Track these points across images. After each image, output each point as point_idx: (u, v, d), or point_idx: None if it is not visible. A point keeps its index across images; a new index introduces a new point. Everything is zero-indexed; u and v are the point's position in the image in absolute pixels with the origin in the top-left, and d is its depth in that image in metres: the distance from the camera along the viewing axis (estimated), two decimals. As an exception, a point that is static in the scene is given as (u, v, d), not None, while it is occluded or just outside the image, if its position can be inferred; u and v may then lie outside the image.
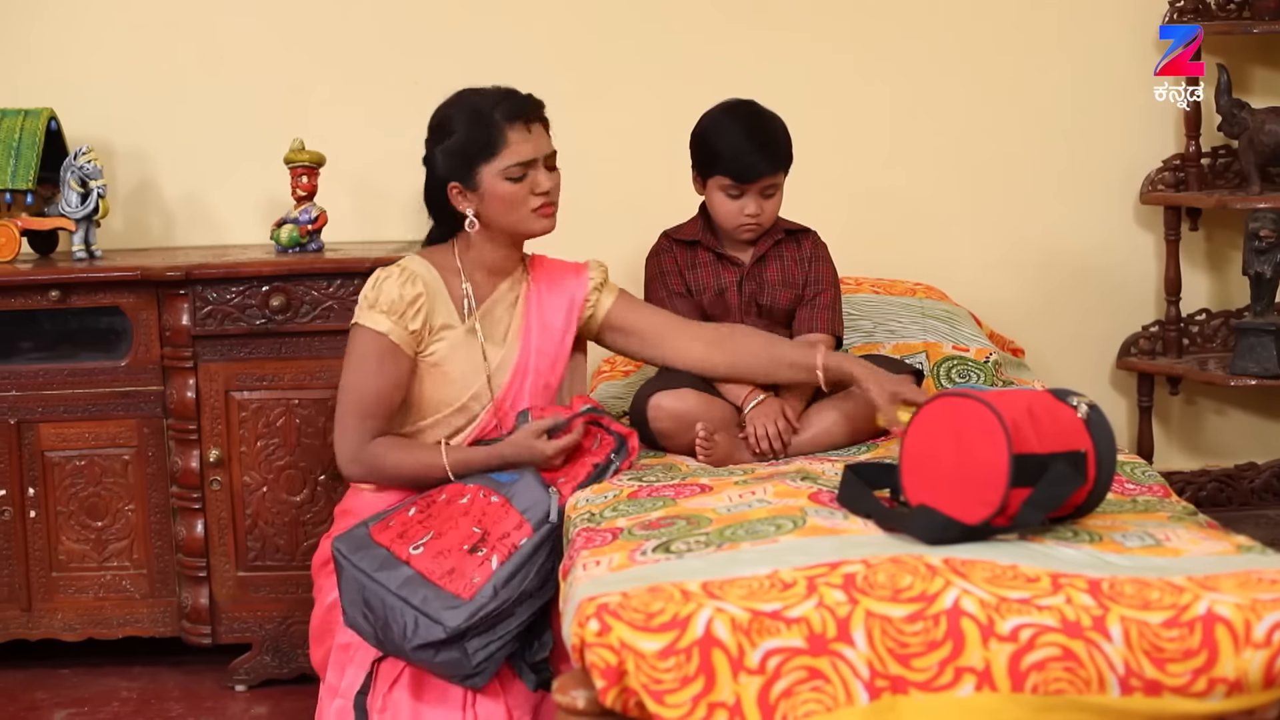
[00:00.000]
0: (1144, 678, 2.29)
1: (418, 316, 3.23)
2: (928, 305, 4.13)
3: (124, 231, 4.34)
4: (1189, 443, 4.78)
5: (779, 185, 3.60)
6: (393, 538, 3.01)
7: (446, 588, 2.89)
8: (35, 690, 3.87)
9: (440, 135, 3.28)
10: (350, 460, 3.24)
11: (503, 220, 3.28)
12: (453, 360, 3.28)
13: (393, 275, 3.24)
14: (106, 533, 3.86)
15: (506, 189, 3.24)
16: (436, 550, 2.96)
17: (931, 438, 2.68)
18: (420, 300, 3.23)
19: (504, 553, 2.91)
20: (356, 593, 2.98)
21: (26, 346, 3.98)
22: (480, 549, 2.94)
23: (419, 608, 2.87)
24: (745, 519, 2.73)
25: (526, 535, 2.94)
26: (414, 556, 2.95)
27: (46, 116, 4.02)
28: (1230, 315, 4.64)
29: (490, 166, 3.23)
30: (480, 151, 3.23)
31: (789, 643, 2.30)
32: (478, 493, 3.07)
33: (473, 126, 3.23)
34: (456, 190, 3.26)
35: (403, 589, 2.91)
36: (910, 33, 4.51)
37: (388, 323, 3.20)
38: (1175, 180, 4.54)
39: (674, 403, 3.40)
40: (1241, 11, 4.51)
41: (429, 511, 3.07)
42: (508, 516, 2.99)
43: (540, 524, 2.96)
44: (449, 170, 3.26)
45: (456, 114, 3.27)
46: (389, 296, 3.21)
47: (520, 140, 3.24)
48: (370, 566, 2.97)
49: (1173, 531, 2.64)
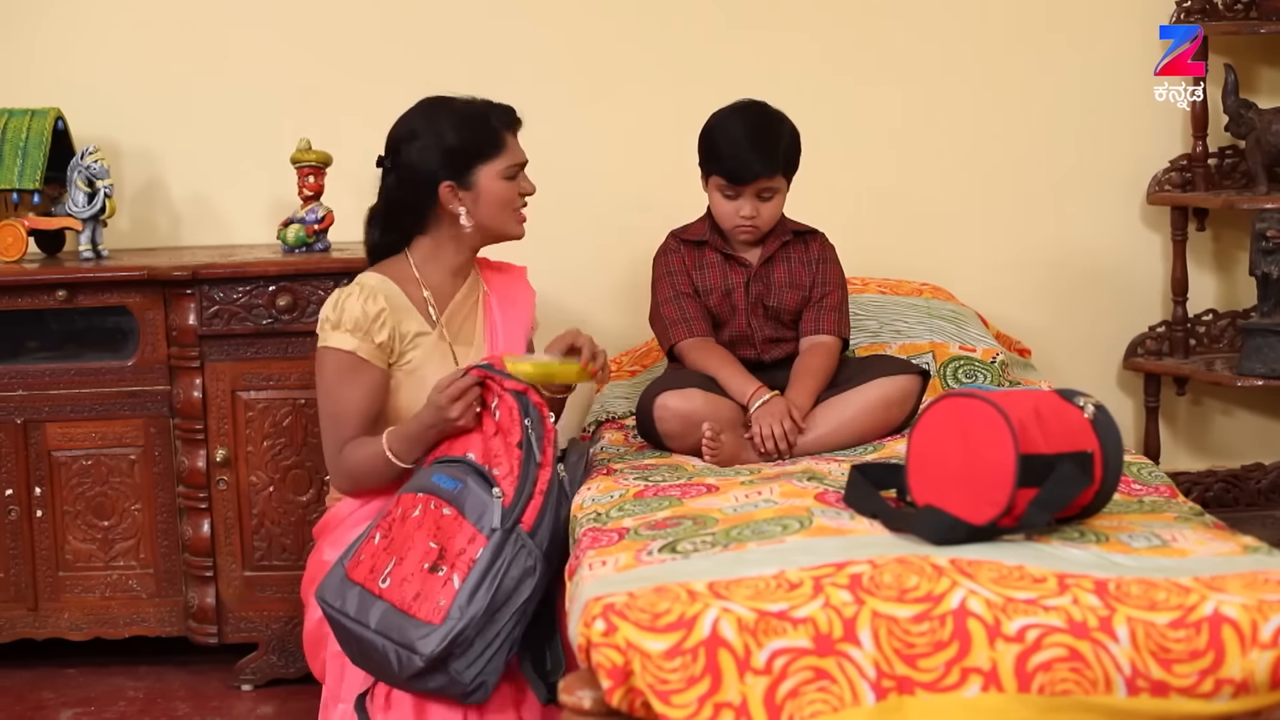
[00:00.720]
0: (1150, 678, 2.28)
1: (383, 329, 3.24)
2: (934, 305, 4.13)
3: (130, 231, 4.34)
4: (1196, 443, 4.77)
5: (776, 189, 3.57)
6: (365, 574, 3.00)
7: (416, 615, 2.87)
8: (42, 689, 3.87)
9: (428, 133, 3.30)
10: (332, 473, 3.31)
11: (491, 220, 3.33)
12: (428, 366, 3.29)
13: (353, 294, 3.26)
14: (113, 532, 3.86)
15: (503, 188, 3.30)
16: (400, 577, 2.94)
17: (938, 438, 2.68)
18: (383, 315, 3.24)
19: (464, 570, 2.88)
20: (351, 640, 2.98)
21: (33, 346, 3.99)
22: (440, 567, 2.91)
23: (396, 641, 2.87)
24: (751, 519, 2.73)
25: (481, 545, 2.91)
26: (384, 590, 2.94)
27: (53, 116, 4.02)
28: (1237, 316, 4.64)
29: (489, 166, 3.29)
30: (480, 151, 3.29)
31: (795, 643, 2.30)
32: (428, 503, 3.02)
33: (472, 128, 3.29)
34: (449, 189, 3.28)
35: (380, 624, 2.90)
36: (917, 33, 4.51)
37: (353, 340, 3.22)
38: (1182, 180, 4.54)
39: (680, 403, 3.40)
40: (1249, 12, 4.51)
41: (390, 535, 3.03)
42: (461, 530, 2.95)
43: (490, 533, 2.93)
44: (444, 168, 3.28)
45: (444, 118, 3.31)
46: (351, 314, 3.23)
47: (513, 145, 3.34)
48: (352, 609, 2.97)
49: (1179, 532, 2.64)
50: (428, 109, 3.34)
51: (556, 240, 4.38)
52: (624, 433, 3.71)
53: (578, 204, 4.42)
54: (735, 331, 3.63)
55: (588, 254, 4.45)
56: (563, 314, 4.34)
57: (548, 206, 4.25)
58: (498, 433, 3.08)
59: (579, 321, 4.36)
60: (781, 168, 3.57)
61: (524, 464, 3.02)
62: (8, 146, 3.96)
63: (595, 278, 4.46)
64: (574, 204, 4.41)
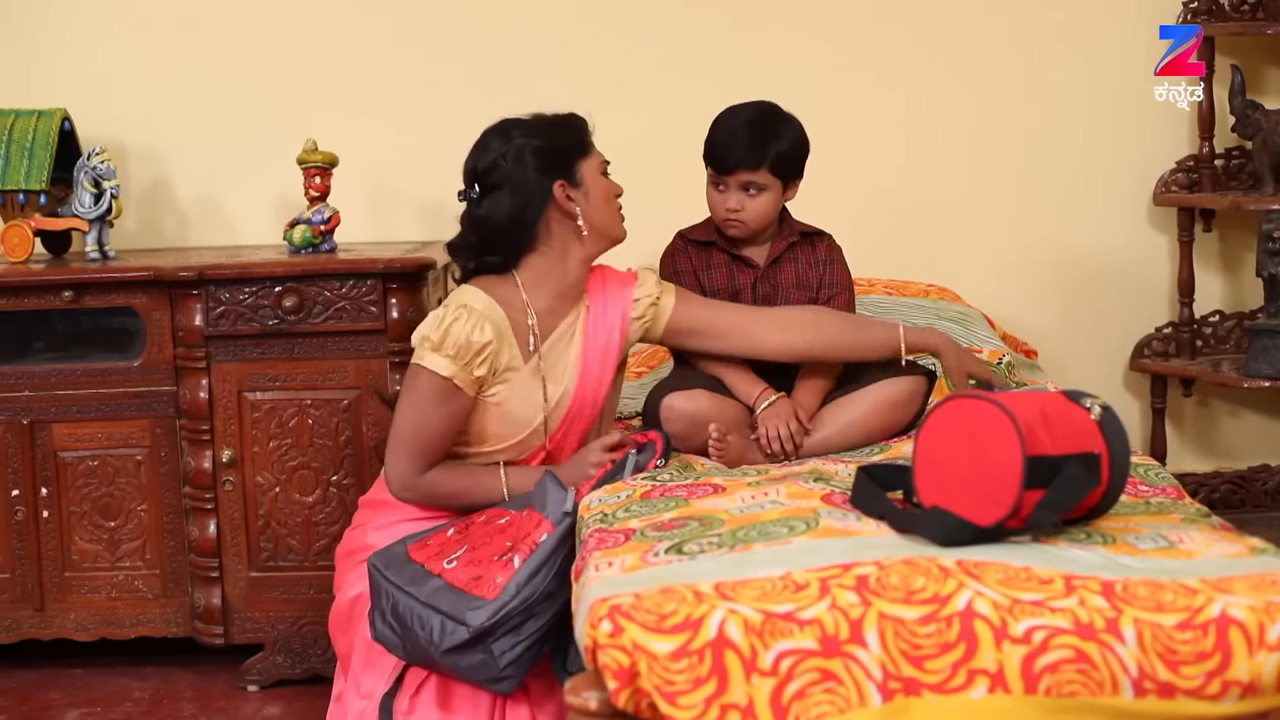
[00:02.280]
0: (1157, 680, 2.28)
1: (484, 364, 3.17)
2: (941, 307, 4.13)
3: (137, 232, 4.35)
4: (1202, 444, 4.77)
5: (764, 186, 3.53)
6: (429, 556, 3.02)
7: (473, 592, 2.89)
8: (48, 690, 3.87)
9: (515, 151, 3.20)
10: (403, 488, 3.23)
11: (601, 218, 3.27)
12: (514, 401, 3.25)
13: (460, 318, 3.15)
14: (119, 533, 3.87)
15: (605, 183, 3.29)
16: (468, 561, 2.97)
17: (945, 439, 2.67)
18: (489, 349, 3.16)
19: (525, 551, 2.91)
20: (386, 604, 2.98)
21: (40, 347, 4.00)
22: (507, 555, 2.95)
23: (445, 612, 2.87)
24: (758, 520, 2.72)
25: (547, 531, 2.93)
26: (446, 570, 2.96)
27: (60, 117, 4.02)
28: (1244, 317, 4.64)
29: (587, 162, 3.27)
30: (577, 148, 3.26)
31: (802, 644, 2.30)
32: (517, 514, 3.07)
33: (559, 129, 3.27)
34: (563, 189, 3.21)
35: (431, 597, 2.90)
36: (923, 34, 4.51)
37: (452, 367, 3.14)
38: (1189, 182, 4.54)
39: (686, 404, 3.39)
40: (1255, 13, 4.51)
41: (467, 531, 3.08)
42: (529, 519, 3.00)
43: (559, 520, 2.95)
44: (550, 169, 3.20)
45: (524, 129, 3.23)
46: (456, 341, 3.13)
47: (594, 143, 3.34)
48: (402, 580, 2.97)
49: (1186, 534, 2.63)
50: (501, 129, 3.25)
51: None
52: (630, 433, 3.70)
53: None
54: (742, 332, 3.62)
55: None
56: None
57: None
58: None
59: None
60: (769, 164, 3.51)
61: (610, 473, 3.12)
62: (14, 147, 3.97)
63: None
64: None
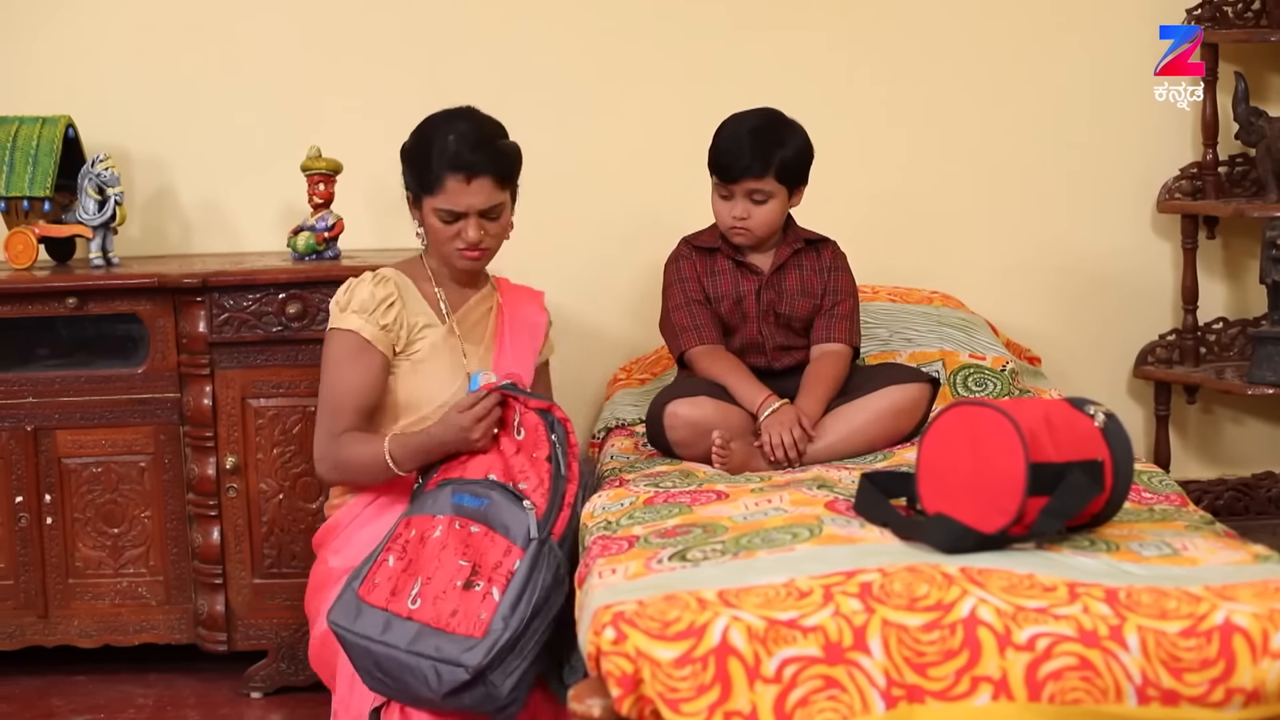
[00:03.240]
0: (1161, 687, 2.28)
1: (389, 311, 3.29)
2: (944, 313, 4.13)
3: (141, 239, 4.35)
4: (1206, 452, 4.77)
5: (769, 194, 3.54)
6: (386, 597, 2.98)
7: (456, 631, 2.86)
8: (51, 697, 3.87)
9: (407, 149, 3.37)
10: (319, 458, 3.31)
11: (432, 244, 3.38)
12: (435, 358, 3.33)
13: (365, 279, 3.34)
14: (123, 539, 3.86)
15: (436, 225, 3.32)
16: (433, 596, 2.93)
17: (948, 446, 2.68)
18: (391, 298, 3.30)
19: (501, 582, 2.88)
20: (367, 660, 2.95)
21: (44, 353, 3.99)
22: (476, 583, 2.90)
23: (434, 658, 2.84)
24: (762, 527, 2.72)
25: (518, 558, 2.90)
26: (415, 611, 2.92)
27: (64, 124, 4.03)
28: (1248, 324, 4.63)
29: (429, 200, 3.31)
30: (420, 183, 3.32)
31: (805, 651, 2.30)
32: (451, 524, 3.01)
33: (422, 158, 3.30)
34: (410, 200, 3.38)
35: (413, 645, 2.88)
36: (927, 41, 4.51)
37: (358, 320, 3.27)
38: (1192, 188, 4.53)
39: (690, 410, 3.40)
40: (1259, 19, 4.50)
41: (407, 557, 3.02)
42: (494, 544, 2.94)
43: (526, 543, 2.92)
44: (406, 181, 3.37)
45: (421, 138, 3.34)
46: (360, 297, 3.29)
47: (456, 190, 3.27)
48: (374, 632, 2.94)
49: (1190, 541, 2.63)
50: (426, 123, 3.36)
51: (566, 246, 4.39)
52: (634, 440, 3.71)
53: (588, 210, 4.42)
54: (746, 339, 3.63)
55: (598, 260, 4.45)
56: (572, 321, 4.35)
57: (557, 213, 4.26)
58: (520, 450, 3.10)
59: (589, 328, 4.38)
60: (774, 172, 3.52)
61: (553, 477, 3.04)
62: (19, 154, 3.97)
63: (605, 284, 4.46)
64: (584, 210, 4.42)
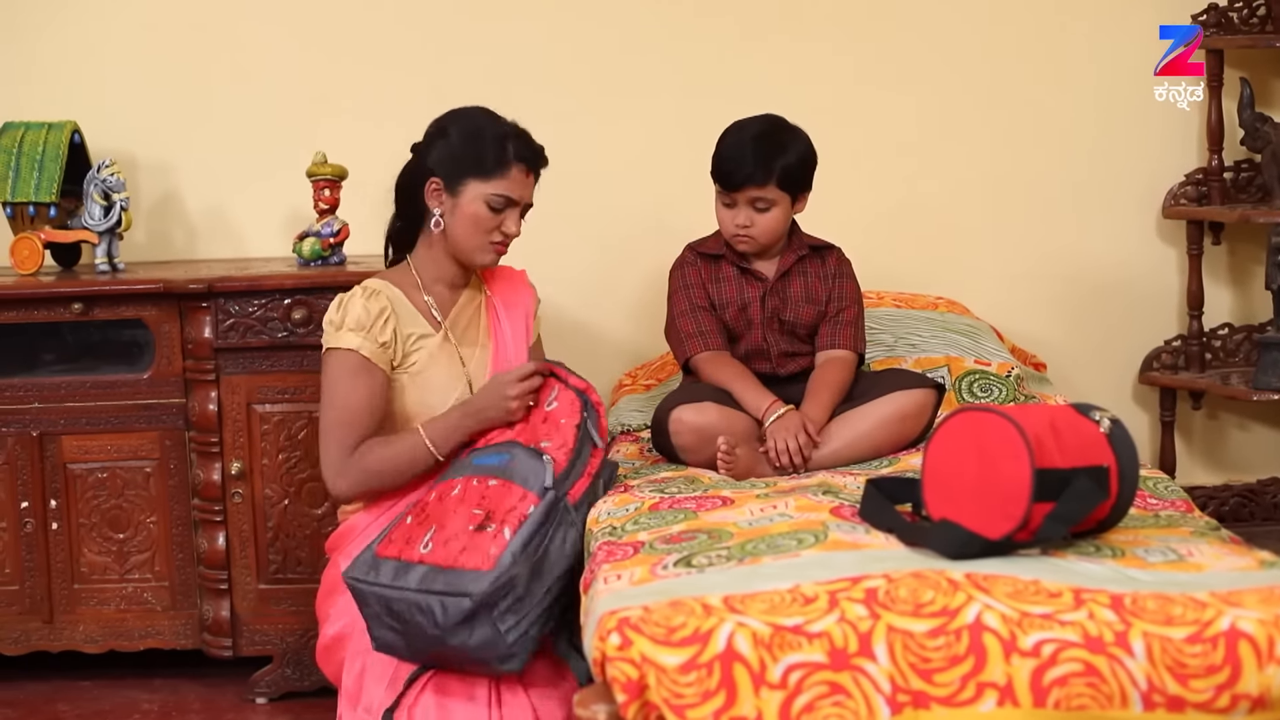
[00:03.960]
0: (1167, 693, 2.28)
1: (386, 328, 3.26)
2: (949, 319, 4.13)
3: (147, 244, 4.35)
4: (1211, 457, 4.76)
5: (772, 201, 3.54)
6: (400, 548, 3.01)
7: (463, 565, 2.89)
8: (57, 702, 3.87)
9: (447, 132, 3.33)
10: (337, 475, 3.25)
11: (459, 237, 3.32)
12: (434, 368, 3.32)
13: (355, 295, 3.30)
14: (128, 545, 3.86)
15: (481, 212, 3.28)
16: (443, 540, 2.95)
17: (953, 452, 2.68)
18: (386, 312, 3.27)
19: (514, 523, 2.92)
20: (380, 606, 2.97)
21: (49, 359, 4.00)
22: (488, 525, 2.93)
23: (441, 591, 2.87)
24: (767, 533, 2.72)
25: (533, 503, 2.95)
26: (425, 554, 2.95)
27: (70, 129, 4.03)
28: (1253, 330, 4.63)
29: (479, 184, 3.27)
30: (478, 165, 3.27)
31: (811, 657, 2.30)
32: (469, 481, 3.05)
33: (484, 141, 3.27)
34: (435, 187, 3.31)
35: (422, 584, 2.90)
36: (933, 47, 4.51)
37: (357, 339, 3.23)
38: (1198, 194, 4.53)
39: (695, 416, 3.39)
40: (1265, 25, 4.50)
41: (425, 512, 3.05)
42: (510, 491, 2.99)
43: (542, 493, 2.97)
44: (439, 165, 3.30)
45: (472, 122, 3.32)
46: (355, 315, 3.25)
47: (518, 179, 3.29)
48: (386, 578, 2.96)
49: (1195, 547, 2.63)
50: (466, 111, 3.35)
51: (571, 252, 4.39)
52: (639, 446, 3.71)
53: (593, 216, 4.42)
54: (751, 345, 3.62)
55: (603, 266, 4.45)
56: (577, 327, 4.35)
57: (563, 218, 4.26)
58: (547, 420, 3.15)
59: (595, 333, 4.38)
60: (776, 179, 3.52)
61: (579, 441, 3.10)
62: (24, 160, 3.97)
63: (610, 290, 4.46)
64: (589, 216, 4.42)
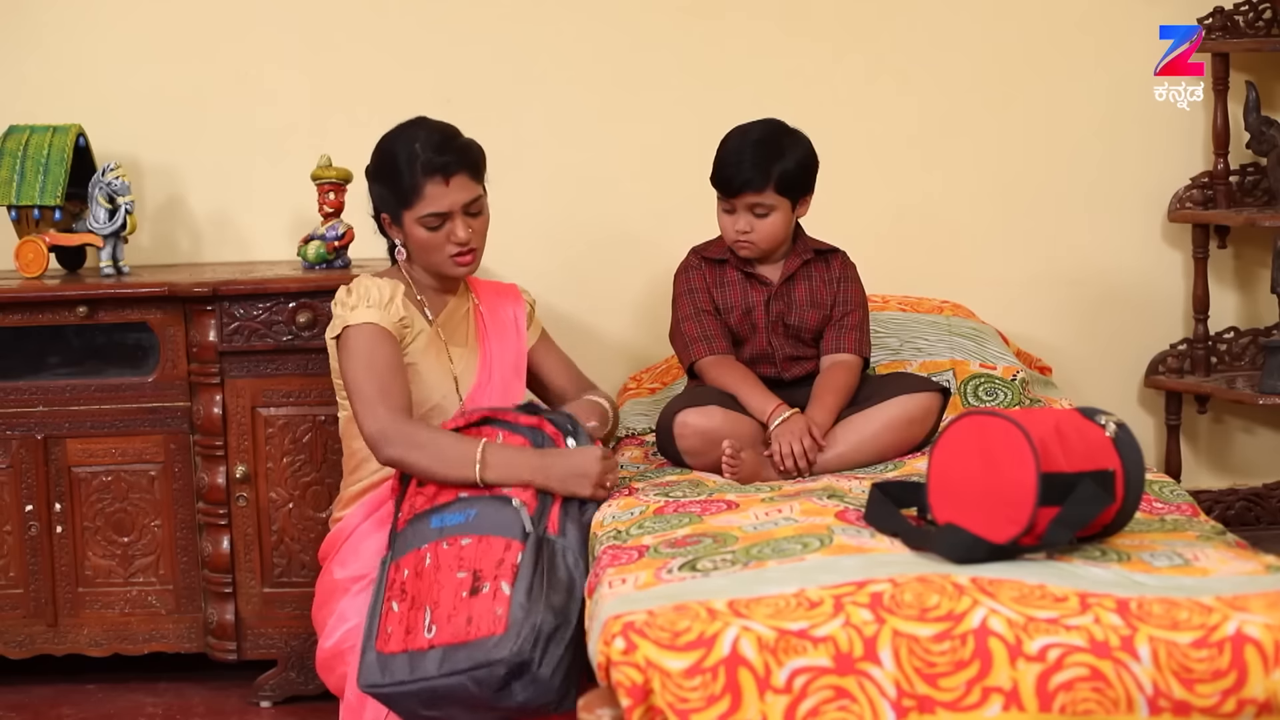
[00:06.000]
0: (1173, 698, 2.27)
1: (397, 309, 3.29)
2: (955, 323, 4.12)
3: (151, 248, 4.35)
4: (1217, 461, 4.76)
5: (771, 206, 3.53)
6: (402, 639, 2.94)
7: (478, 635, 2.81)
8: (61, 706, 3.87)
9: (374, 170, 3.40)
10: (380, 433, 3.16)
11: (420, 259, 3.38)
12: (424, 360, 3.35)
13: (364, 278, 3.34)
14: (133, 548, 3.86)
15: (423, 235, 3.31)
16: (444, 617, 2.88)
17: (959, 456, 2.67)
18: (397, 294, 3.30)
19: (509, 576, 2.86)
20: (413, 702, 2.90)
21: (54, 362, 4.00)
22: (481, 585, 2.87)
23: (467, 668, 2.79)
24: (772, 537, 2.72)
25: (519, 550, 2.90)
26: (433, 638, 2.88)
27: (75, 133, 4.03)
28: (1259, 333, 4.62)
29: (408, 212, 3.31)
30: (399, 197, 3.31)
31: (816, 662, 2.30)
32: (438, 547, 2.98)
33: (392, 174, 3.32)
34: (387, 221, 3.39)
35: (443, 667, 2.83)
36: (939, 50, 4.51)
37: (376, 313, 3.26)
38: (1203, 198, 4.52)
39: (700, 420, 3.39)
40: (1270, 29, 4.49)
41: (408, 596, 2.97)
42: (491, 546, 2.92)
43: (524, 537, 2.92)
44: (378, 202, 3.39)
45: (386, 155, 3.36)
46: (370, 295, 3.28)
47: (436, 193, 3.28)
48: (404, 674, 2.89)
49: (1201, 551, 2.63)
50: (384, 140, 3.39)
51: (575, 256, 4.39)
52: (644, 449, 3.70)
53: (597, 219, 4.42)
54: (756, 349, 3.62)
55: (607, 270, 4.45)
56: (582, 330, 4.35)
57: (567, 221, 4.26)
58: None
59: (599, 337, 4.37)
60: (774, 185, 3.52)
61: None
62: (29, 163, 3.97)
63: (615, 294, 4.45)
64: (594, 219, 4.42)
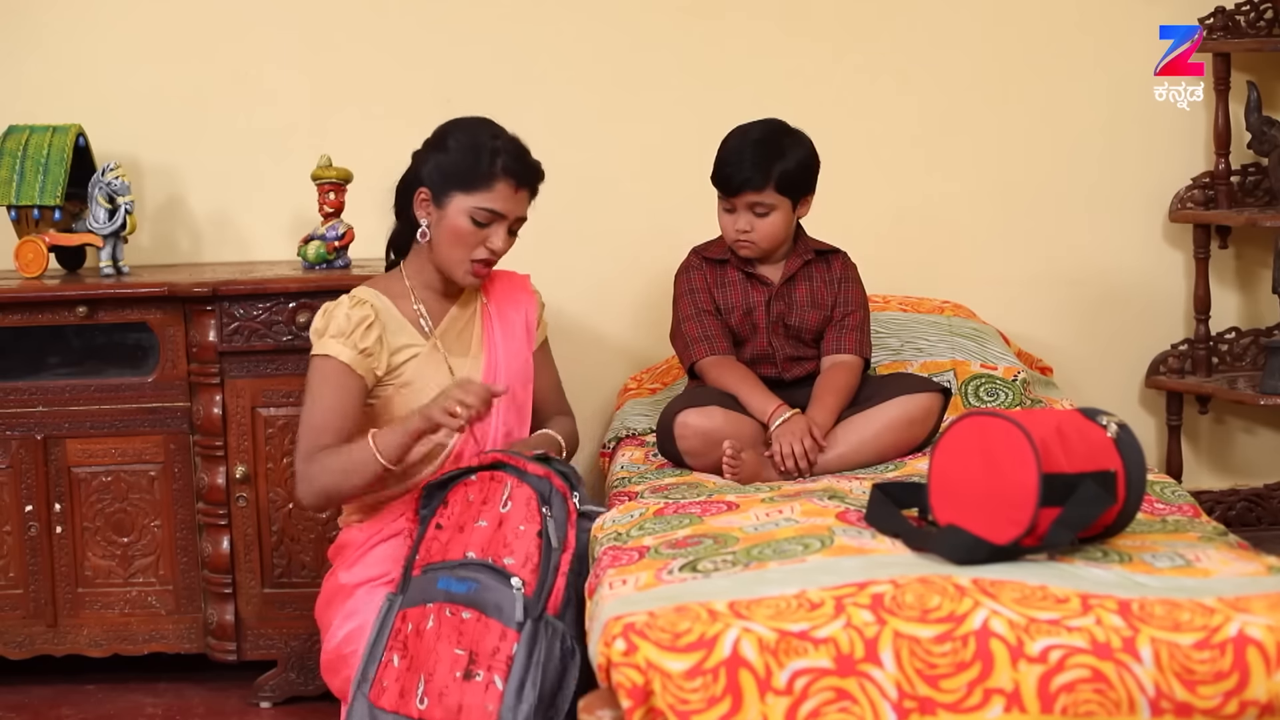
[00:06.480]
0: (1174, 700, 2.27)
1: (368, 334, 3.23)
2: (956, 323, 4.12)
3: (151, 248, 4.35)
4: (1218, 462, 4.76)
5: (771, 206, 3.54)
6: (396, 700, 2.94)
7: None
8: (61, 706, 3.87)
9: (441, 144, 3.31)
10: (299, 479, 3.23)
11: (442, 250, 3.29)
12: (421, 379, 3.29)
13: (340, 303, 3.28)
14: (132, 549, 3.86)
15: (464, 225, 3.25)
16: (437, 692, 2.88)
17: (960, 457, 2.67)
18: (369, 320, 3.24)
19: (502, 669, 2.84)
20: None
21: (54, 362, 3.99)
22: (475, 672, 2.86)
23: None
24: (772, 538, 2.72)
25: (514, 641, 2.86)
26: (424, 711, 2.88)
27: (74, 133, 4.03)
28: (1260, 334, 4.62)
29: (464, 198, 3.24)
30: (464, 179, 3.24)
31: (816, 663, 2.29)
32: (441, 611, 2.96)
33: (471, 154, 3.25)
34: (424, 197, 3.29)
35: None
36: (939, 50, 4.50)
37: (336, 345, 3.21)
38: (1205, 198, 4.52)
39: (701, 420, 3.39)
40: (1271, 29, 4.49)
41: (409, 654, 2.97)
42: (488, 630, 2.89)
43: (519, 627, 2.87)
44: (430, 176, 3.29)
45: (466, 134, 3.29)
46: (337, 322, 3.23)
47: (504, 194, 3.24)
48: None
49: (1203, 552, 2.62)
50: (464, 122, 3.33)
51: (576, 256, 4.39)
52: (644, 450, 3.70)
53: (598, 220, 4.42)
54: (756, 350, 3.62)
55: (608, 270, 4.45)
56: (582, 331, 4.34)
57: (569, 222, 4.26)
58: (502, 524, 3.03)
59: (600, 337, 4.38)
60: (774, 184, 3.52)
61: (544, 552, 2.97)
62: (29, 163, 3.97)
63: (616, 294, 4.45)
64: (594, 220, 4.41)
